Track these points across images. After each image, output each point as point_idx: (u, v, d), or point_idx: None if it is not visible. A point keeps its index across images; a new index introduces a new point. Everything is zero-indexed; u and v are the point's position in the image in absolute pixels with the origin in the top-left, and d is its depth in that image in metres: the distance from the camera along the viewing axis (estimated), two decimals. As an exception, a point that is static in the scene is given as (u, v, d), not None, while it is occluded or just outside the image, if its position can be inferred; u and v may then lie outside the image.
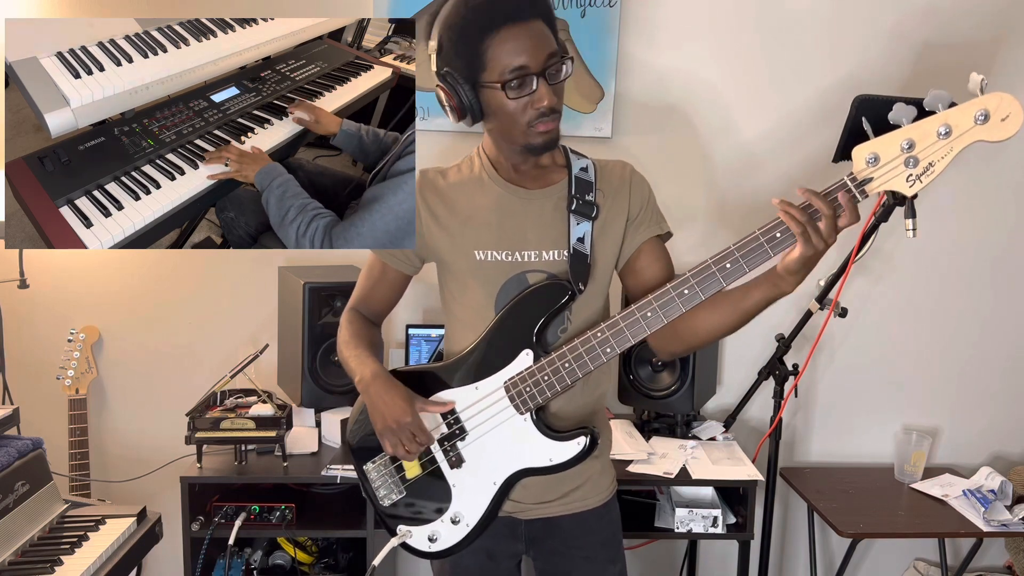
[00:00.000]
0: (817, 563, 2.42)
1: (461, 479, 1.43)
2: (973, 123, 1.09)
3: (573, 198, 1.39)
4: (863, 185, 1.16)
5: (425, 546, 1.47)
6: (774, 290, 1.25)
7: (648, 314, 1.29)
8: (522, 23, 1.24)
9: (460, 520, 1.44)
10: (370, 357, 1.43)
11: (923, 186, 1.14)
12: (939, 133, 1.11)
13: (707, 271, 1.24)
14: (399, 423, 1.34)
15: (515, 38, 1.24)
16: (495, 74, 1.26)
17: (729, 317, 1.32)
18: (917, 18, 2.34)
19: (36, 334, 2.40)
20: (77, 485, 2.26)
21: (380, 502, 1.49)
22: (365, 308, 1.53)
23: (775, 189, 2.43)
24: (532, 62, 1.25)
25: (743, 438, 2.38)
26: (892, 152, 1.14)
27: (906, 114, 1.13)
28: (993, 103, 1.08)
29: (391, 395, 1.36)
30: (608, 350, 1.32)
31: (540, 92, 1.27)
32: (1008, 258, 2.50)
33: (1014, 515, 2.13)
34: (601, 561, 1.50)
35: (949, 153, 1.12)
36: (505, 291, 1.39)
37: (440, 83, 1.31)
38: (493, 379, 1.39)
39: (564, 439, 1.38)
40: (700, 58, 2.36)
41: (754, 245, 1.21)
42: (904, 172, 1.14)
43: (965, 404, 2.58)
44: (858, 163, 1.16)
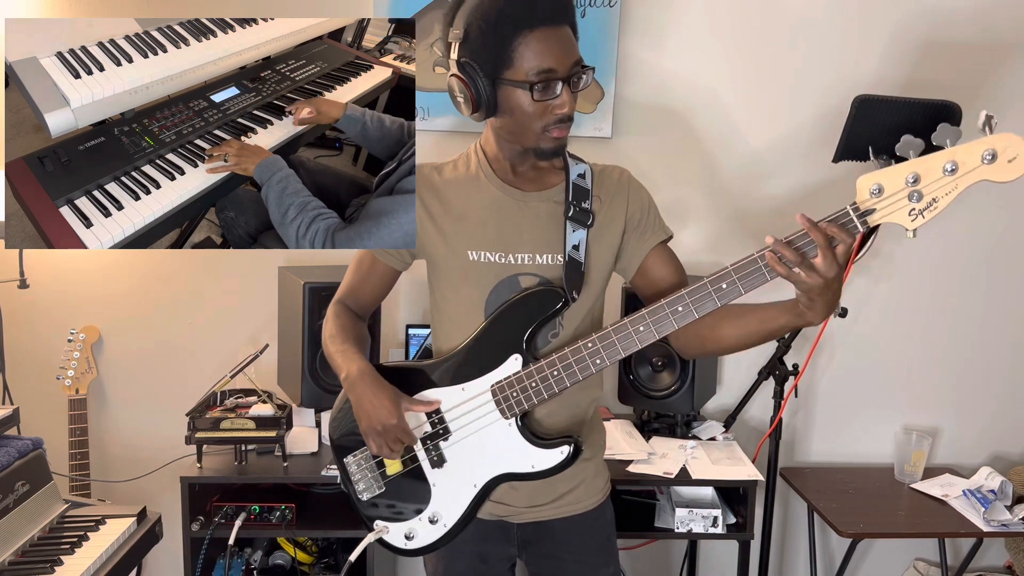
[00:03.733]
0: (817, 563, 2.43)
1: (441, 479, 1.43)
2: (980, 162, 1.08)
3: (570, 205, 1.38)
4: (865, 215, 1.15)
5: (401, 543, 1.47)
6: (799, 320, 1.24)
7: (641, 328, 1.29)
8: (555, 27, 1.24)
9: (438, 520, 1.44)
10: (357, 353, 1.42)
11: (925, 221, 1.12)
12: (945, 169, 1.09)
13: (703, 290, 1.24)
14: (384, 425, 1.34)
15: (547, 40, 1.23)
16: (521, 73, 1.25)
17: (755, 335, 1.32)
18: (917, 19, 2.34)
19: (36, 334, 2.40)
20: (77, 485, 2.26)
21: (359, 496, 1.49)
22: (352, 301, 1.52)
23: (775, 190, 2.43)
24: (560, 67, 1.24)
25: (743, 438, 2.38)
26: (897, 185, 1.12)
27: (913, 147, 1.12)
28: (1002, 144, 1.06)
29: (378, 396, 1.35)
30: (598, 361, 1.31)
31: (563, 98, 1.26)
32: (1008, 258, 2.50)
33: (1014, 515, 2.13)
34: (594, 565, 1.50)
35: (954, 191, 1.10)
36: (497, 293, 1.39)
37: (458, 72, 1.29)
38: (480, 381, 1.38)
39: (548, 447, 1.37)
40: (700, 58, 2.36)
41: (752, 268, 1.21)
42: (907, 206, 1.13)
43: (965, 404, 2.58)
44: (861, 193, 1.14)
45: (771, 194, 2.44)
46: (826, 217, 1.16)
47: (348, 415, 1.44)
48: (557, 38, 1.24)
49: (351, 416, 1.42)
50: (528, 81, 1.25)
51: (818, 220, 1.15)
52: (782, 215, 2.42)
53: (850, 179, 2.52)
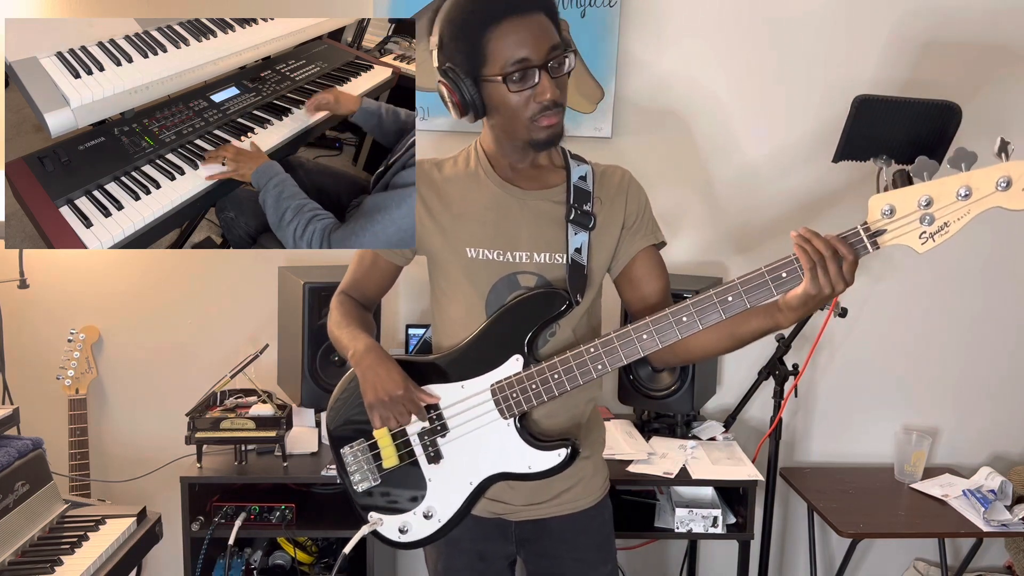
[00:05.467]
0: (817, 563, 2.42)
1: (437, 475, 1.43)
2: (994, 188, 1.07)
3: (571, 208, 1.38)
4: (876, 236, 1.14)
5: (396, 536, 1.47)
6: (770, 321, 1.25)
7: (644, 336, 1.29)
8: (524, 15, 1.24)
9: (432, 515, 1.44)
10: (362, 332, 1.42)
11: (935, 245, 1.11)
12: (959, 194, 1.08)
13: (708, 301, 1.24)
14: (391, 396, 1.34)
15: (516, 31, 1.23)
16: (496, 67, 1.25)
17: (724, 342, 1.33)
18: (917, 19, 2.34)
19: (36, 334, 2.40)
20: (77, 485, 2.26)
21: (354, 487, 1.49)
22: (355, 293, 1.53)
23: (775, 191, 2.43)
24: (534, 54, 1.24)
25: (743, 438, 2.38)
26: (909, 207, 1.11)
27: (928, 168, 1.10)
28: (1017, 171, 1.05)
29: (385, 367, 1.36)
30: (600, 367, 1.31)
31: (543, 85, 1.25)
32: (1008, 258, 2.50)
33: (1014, 515, 2.13)
34: (592, 563, 1.50)
35: (966, 216, 1.09)
36: (496, 291, 1.39)
37: (442, 79, 1.30)
38: (480, 380, 1.38)
39: (545, 448, 1.37)
40: (700, 58, 2.36)
41: (759, 282, 1.21)
42: (918, 229, 1.11)
43: (965, 404, 2.58)
44: (873, 213, 1.13)
45: (771, 194, 2.44)
46: (837, 235, 1.15)
47: (346, 404, 1.45)
48: (526, 26, 1.23)
49: (349, 405, 1.43)
50: (504, 73, 1.24)
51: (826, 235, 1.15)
52: (782, 216, 2.42)
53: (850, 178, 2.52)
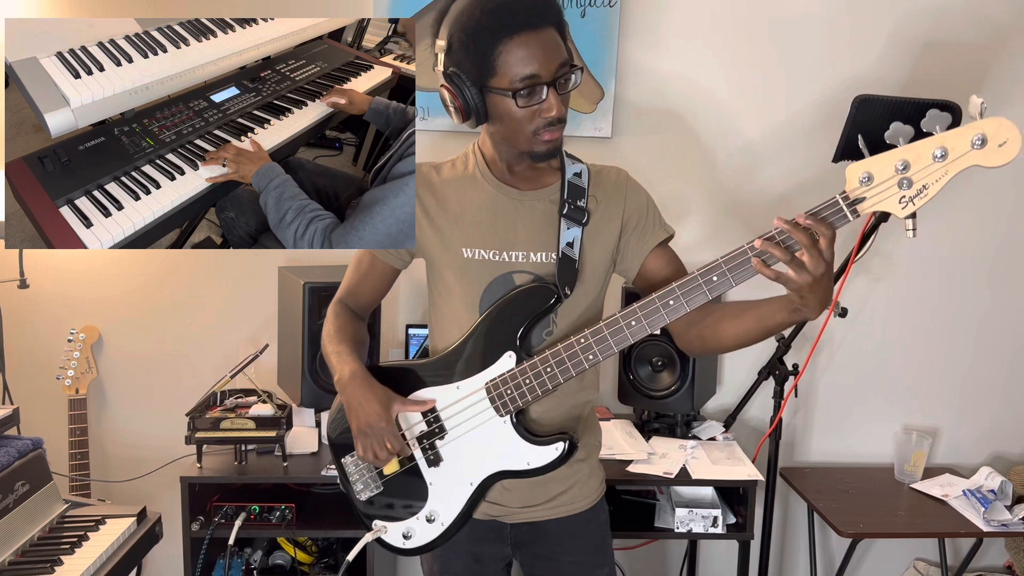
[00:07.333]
0: (817, 563, 2.43)
1: (438, 478, 1.43)
2: (970, 147, 1.07)
3: (565, 203, 1.38)
4: (855, 204, 1.14)
5: (400, 543, 1.47)
6: (796, 316, 1.24)
7: (632, 323, 1.29)
8: (536, 31, 1.23)
9: (435, 519, 1.44)
10: (351, 355, 1.42)
11: (915, 208, 1.12)
12: (935, 156, 1.09)
13: (693, 283, 1.24)
14: (371, 427, 1.35)
15: (528, 46, 1.22)
16: (505, 81, 1.24)
17: (753, 332, 1.31)
18: (917, 19, 2.34)
19: (36, 334, 2.40)
20: (77, 485, 2.26)
21: (356, 496, 1.49)
22: (352, 300, 1.53)
23: (775, 191, 2.43)
24: (544, 71, 1.23)
25: (743, 438, 2.38)
26: (886, 172, 1.12)
27: (903, 134, 1.11)
28: (991, 128, 1.05)
29: (367, 398, 1.36)
30: (591, 357, 1.31)
31: (549, 102, 1.25)
32: (1008, 257, 2.50)
33: (1014, 515, 2.13)
34: (589, 565, 1.50)
35: (944, 177, 1.10)
36: (490, 291, 1.39)
37: (446, 83, 1.29)
38: (475, 379, 1.38)
39: (542, 444, 1.37)
40: (700, 58, 2.36)
41: (742, 259, 1.21)
42: (897, 193, 1.12)
43: (965, 404, 2.58)
44: (851, 181, 1.14)
45: (770, 194, 2.44)
46: (815, 207, 1.15)
47: (344, 416, 1.45)
48: (539, 42, 1.23)
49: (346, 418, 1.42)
50: (512, 88, 1.24)
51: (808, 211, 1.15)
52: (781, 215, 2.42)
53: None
